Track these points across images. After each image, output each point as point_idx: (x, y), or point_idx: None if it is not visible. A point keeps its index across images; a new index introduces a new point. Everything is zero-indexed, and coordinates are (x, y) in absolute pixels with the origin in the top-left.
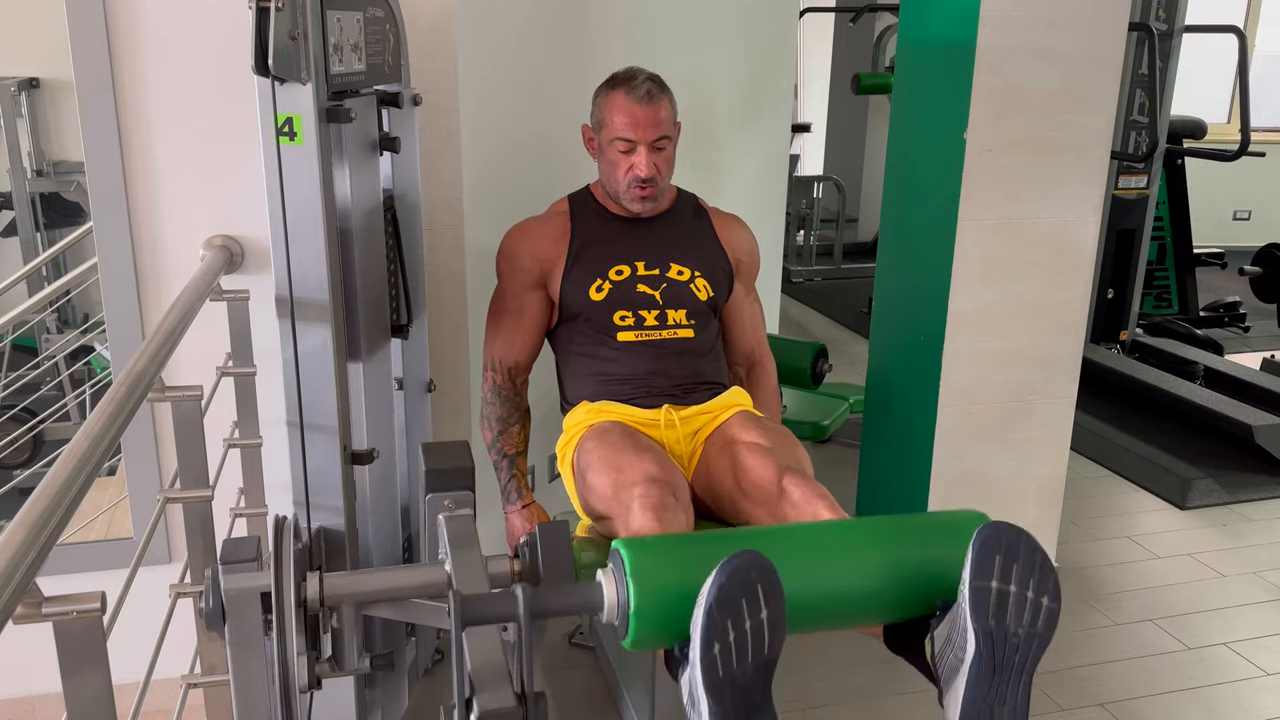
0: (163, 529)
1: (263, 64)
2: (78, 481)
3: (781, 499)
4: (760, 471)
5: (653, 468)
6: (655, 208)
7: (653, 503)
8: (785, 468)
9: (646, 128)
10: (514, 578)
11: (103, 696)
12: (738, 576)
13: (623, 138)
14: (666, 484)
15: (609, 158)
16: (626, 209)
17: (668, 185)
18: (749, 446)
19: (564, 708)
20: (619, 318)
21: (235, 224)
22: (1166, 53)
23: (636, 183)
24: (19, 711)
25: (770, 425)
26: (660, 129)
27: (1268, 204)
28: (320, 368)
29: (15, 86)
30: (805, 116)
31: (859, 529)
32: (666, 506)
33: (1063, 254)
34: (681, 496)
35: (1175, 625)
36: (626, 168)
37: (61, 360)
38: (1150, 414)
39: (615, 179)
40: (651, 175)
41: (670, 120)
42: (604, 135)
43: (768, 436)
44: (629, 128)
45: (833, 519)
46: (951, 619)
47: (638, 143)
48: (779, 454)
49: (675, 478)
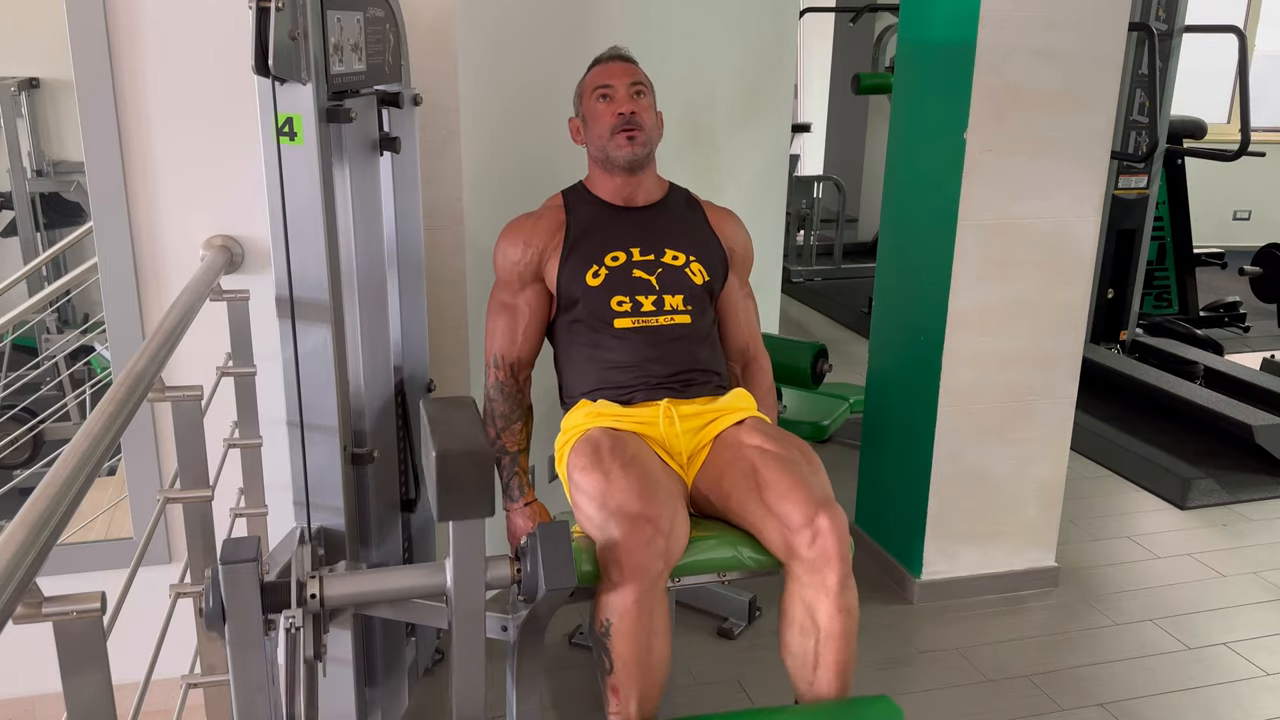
0: (163, 529)
1: (263, 64)
2: (78, 481)
3: (805, 528)
4: (792, 493)
5: (631, 500)
6: (647, 194)
7: (627, 557)
8: (820, 503)
9: (620, 74)
10: (514, 579)
11: (103, 696)
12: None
13: (601, 84)
14: (641, 518)
15: (592, 121)
16: (619, 168)
17: (653, 141)
18: (776, 460)
19: (564, 708)
20: (616, 303)
21: (235, 224)
22: (1166, 53)
23: (621, 125)
24: (19, 711)
25: (791, 439)
26: (634, 76)
27: (1268, 204)
28: (320, 368)
29: (15, 86)
30: (805, 116)
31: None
32: (636, 549)
33: (1063, 254)
34: (665, 518)
35: (1175, 625)
36: (607, 112)
37: (61, 360)
38: (1150, 414)
39: (601, 135)
40: (633, 110)
41: (645, 79)
42: (585, 105)
43: (795, 451)
44: (604, 76)
45: (829, 609)
46: None
47: (615, 87)
48: (811, 482)
49: (657, 499)
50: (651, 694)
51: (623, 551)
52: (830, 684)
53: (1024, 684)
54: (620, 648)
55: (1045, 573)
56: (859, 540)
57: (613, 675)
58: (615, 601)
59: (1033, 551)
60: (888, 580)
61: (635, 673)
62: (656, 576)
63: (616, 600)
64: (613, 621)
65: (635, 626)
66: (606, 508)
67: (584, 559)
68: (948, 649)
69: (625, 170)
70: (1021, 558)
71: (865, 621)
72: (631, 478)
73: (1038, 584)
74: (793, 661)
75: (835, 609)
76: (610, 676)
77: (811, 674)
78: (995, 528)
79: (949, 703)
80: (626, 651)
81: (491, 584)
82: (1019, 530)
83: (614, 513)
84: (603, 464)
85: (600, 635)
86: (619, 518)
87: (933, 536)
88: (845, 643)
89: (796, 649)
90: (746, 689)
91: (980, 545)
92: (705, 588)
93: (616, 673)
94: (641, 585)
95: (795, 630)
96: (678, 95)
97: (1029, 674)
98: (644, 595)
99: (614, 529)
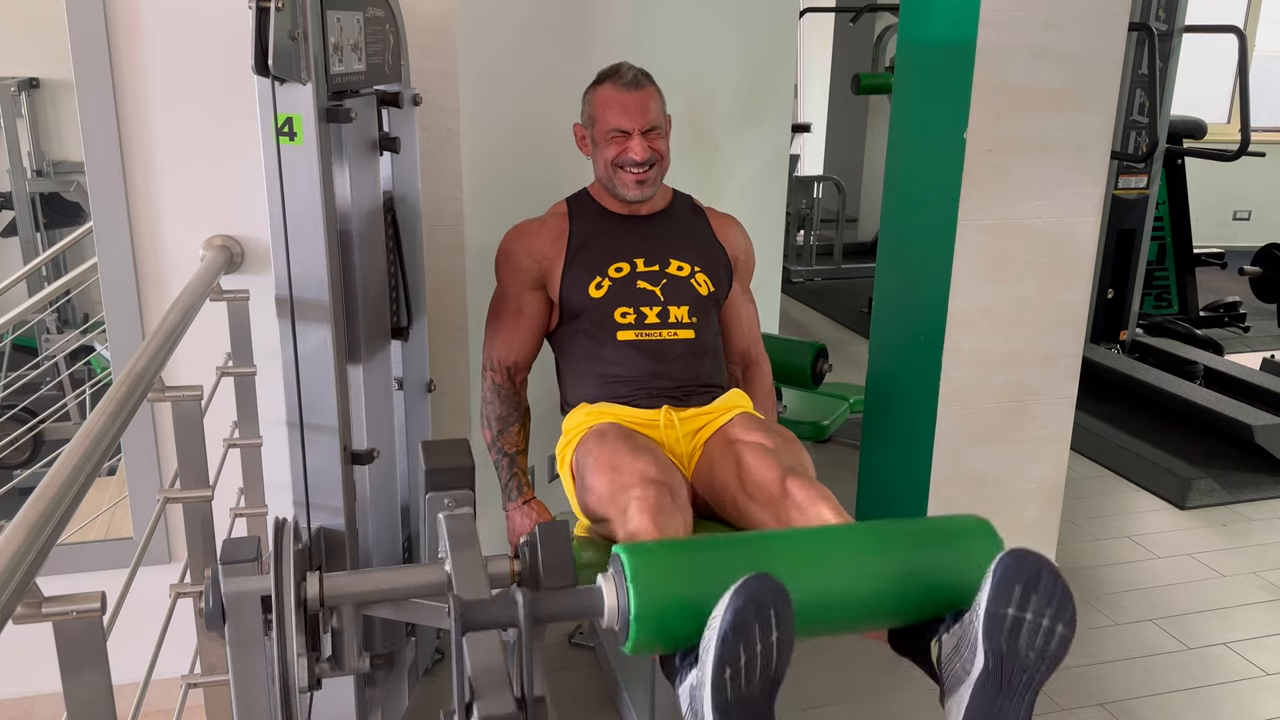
0: (163, 529)
1: (263, 64)
2: (78, 481)
3: (784, 500)
4: (763, 472)
5: (650, 469)
6: (652, 204)
7: (650, 505)
8: (788, 469)
9: (637, 114)
10: (514, 578)
11: (103, 696)
12: (753, 603)
13: (616, 129)
14: (664, 485)
15: (603, 151)
16: (623, 201)
17: (663, 173)
18: (752, 447)
19: (564, 708)
20: (620, 314)
21: (235, 224)
22: (1166, 53)
23: (631, 165)
24: (19, 711)
25: (773, 427)
26: (650, 117)
27: (1268, 204)
28: (320, 368)
29: (15, 86)
30: (805, 116)
31: (864, 534)
32: (663, 509)
33: (1063, 254)
34: (680, 497)
35: (1175, 625)
36: (619, 152)
37: (61, 360)
38: (1150, 414)
39: (610, 170)
40: (646, 157)
41: (660, 111)
42: (597, 130)
43: (771, 438)
44: (621, 117)
45: (837, 523)
46: (962, 630)
47: (631, 132)
48: (782, 455)
49: (673, 478)
50: None
51: (639, 503)
52: None
53: None
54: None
55: None
56: None
57: None
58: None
59: None
60: None
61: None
62: (672, 486)
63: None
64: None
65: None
66: (621, 476)
67: (583, 557)
68: None
69: (629, 202)
70: None
71: None
72: (643, 459)
73: None
74: None
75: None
76: None
77: None
78: None
79: None
80: (645, 523)
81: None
82: (1019, 530)
83: (631, 482)
84: (614, 445)
85: None
86: (638, 485)
87: None
88: None
89: None
90: None
91: None
92: None
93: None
94: (658, 519)
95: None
96: (678, 95)
97: None
98: (659, 492)
99: (632, 494)
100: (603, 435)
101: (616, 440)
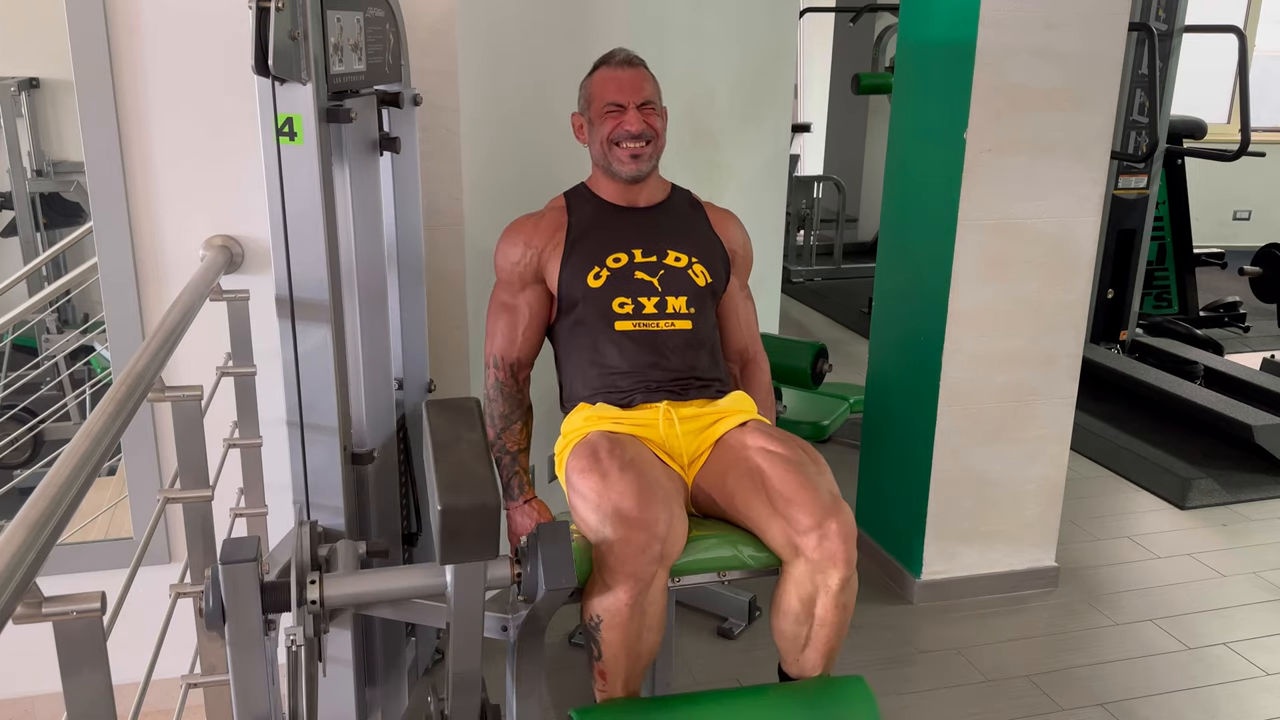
0: (163, 529)
1: (263, 64)
2: (78, 481)
3: (810, 534)
4: (803, 499)
5: (629, 504)
6: (650, 195)
7: (621, 622)
8: (830, 509)
9: (631, 90)
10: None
11: (103, 696)
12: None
13: (612, 102)
14: (640, 525)
15: (599, 130)
16: (620, 179)
17: (658, 152)
18: (786, 463)
19: (564, 708)
20: (618, 304)
21: (235, 224)
22: (1166, 53)
23: (627, 138)
24: (19, 711)
25: (800, 441)
26: (644, 93)
27: (1268, 204)
28: (320, 368)
29: (15, 86)
30: (805, 116)
31: None
32: (630, 636)
33: (1063, 254)
34: (664, 518)
35: (1175, 625)
36: (615, 126)
37: (61, 360)
38: (1150, 414)
39: (606, 147)
40: (641, 130)
41: (654, 91)
42: (593, 110)
43: (808, 455)
44: (615, 92)
45: (840, 596)
46: None
47: (625, 105)
48: (822, 485)
49: (654, 504)
50: (639, 673)
51: (617, 557)
52: (816, 663)
53: (1024, 684)
54: (610, 639)
55: (1045, 573)
56: (859, 540)
57: (601, 662)
58: (608, 602)
59: (1033, 551)
60: (888, 580)
61: (624, 662)
62: (650, 579)
63: (609, 601)
64: (603, 619)
65: (626, 624)
66: (602, 510)
67: (584, 559)
68: (948, 649)
69: (627, 181)
70: (1021, 558)
71: (865, 621)
72: (628, 480)
73: (1038, 584)
74: (783, 642)
75: (833, 605)
76: (599, 663)
77: (800, 653)
78: (995, 528)
79: (949, 703)
80: (616, 643)
81: (491, 584)
82: (1019, 530)
83: (609, 515)
84: (600, 466)
85: (591, 627)
86: (614, 521)
87: (933, 536)
88: (837, 631)
89: (789, 633)
90: None
91: (980, 545)
92: (705, 588)
93: (605, 660)
94: (634, 590)
95: (790, 619)
96: (678, 95)
97: (1029, 674)
98: (637, 598)
99: (609, 532)
100: (593, 453)
101: (606, 461)
